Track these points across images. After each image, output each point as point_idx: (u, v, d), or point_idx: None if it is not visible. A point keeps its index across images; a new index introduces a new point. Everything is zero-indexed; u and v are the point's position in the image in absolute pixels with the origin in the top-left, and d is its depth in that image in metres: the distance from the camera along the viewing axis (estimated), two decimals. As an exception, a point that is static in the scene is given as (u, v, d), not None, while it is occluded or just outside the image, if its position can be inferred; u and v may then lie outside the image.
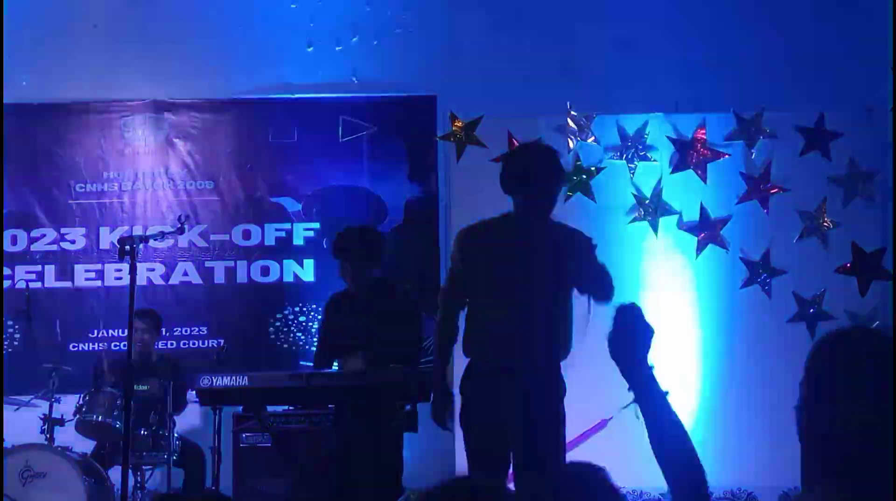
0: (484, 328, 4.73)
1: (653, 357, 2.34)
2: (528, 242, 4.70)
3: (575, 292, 4.84)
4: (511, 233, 4.73)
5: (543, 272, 4.68)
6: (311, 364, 6.11)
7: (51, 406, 6.47)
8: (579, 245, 4.77)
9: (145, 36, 7.67)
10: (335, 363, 5.61)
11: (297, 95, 7.71)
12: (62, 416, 6.48)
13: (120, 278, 7.47)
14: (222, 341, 7.39)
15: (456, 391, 4.89)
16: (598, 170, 7.17)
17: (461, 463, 5.15)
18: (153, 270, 7.57)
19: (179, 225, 5.70)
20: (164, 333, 7.37)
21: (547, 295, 4.70)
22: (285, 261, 7.64)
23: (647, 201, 7.13)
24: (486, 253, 4.73)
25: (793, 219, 7.10)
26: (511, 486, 4.57)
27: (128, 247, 5.19)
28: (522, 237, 4.71)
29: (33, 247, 7.61)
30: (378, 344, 5.37)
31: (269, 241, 7.68)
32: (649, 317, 2.44)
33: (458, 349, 4.92)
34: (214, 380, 5.02)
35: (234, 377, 5.03)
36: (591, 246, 4.79)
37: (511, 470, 4.74)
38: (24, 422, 6.55)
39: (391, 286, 5.80)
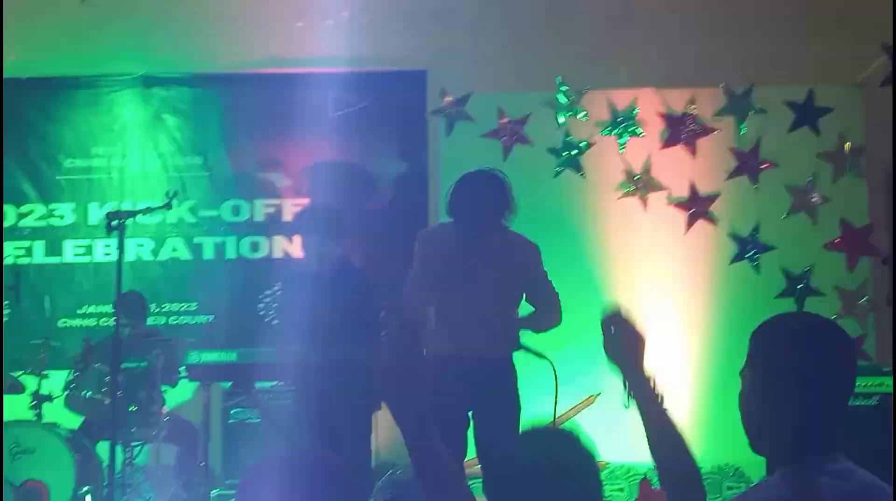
0: (441, 324, 4.89)
1: (649, 364, 2.33)
2: (473, 248, 4.83)
3: None
4: (459, 241, 4.87)
5: (489, 275, 4.81)
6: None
7: (39, 382, 6.46)
8: (527, 255, 4.90)
9: (134, 10, 7.62)
10: None
11: (286, 70, 7.67)
12: (51, 392, 6.48)
13: (109, 254, 7.46)
14: (212, 317, 7.39)
15: None
16: (589, 145, 7.16)
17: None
18: (142, 245, 7.55)
19: (167, 200, 5.68)
20: (153, 308, 7.36)
21: (494, 296, 4.82)
22: (275, 237, 7.62)
23: (636, 177, 7.13)
24: (439, 255, 4.87)
25: (782, 195, 7.11)
26: None
27: (115, 222, 5.17)
28: (468, 243, 4.83)
29: (22, 222, 7.59)
30: (340, 323, 5.40)
31: (259, 217, 7.66)
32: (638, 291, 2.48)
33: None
34: (203, 356, 5.02)
35: (223, 353, 5.02)
36: (538, 254, 4.90)
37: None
38: (12, 398, 6.53)
39: (351, 266, 5.83)
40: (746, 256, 7.08)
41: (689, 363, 6.91)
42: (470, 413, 4.85)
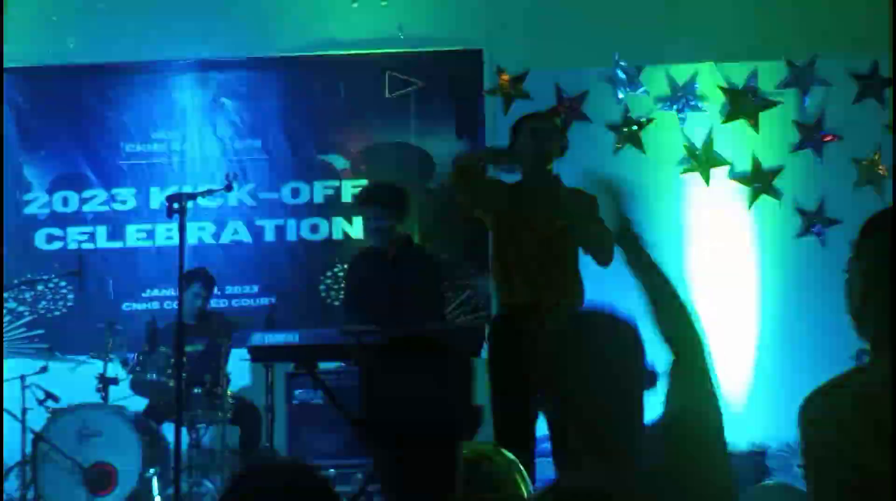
0: (499, 282, 5.05)
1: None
2: (533, 199, 4.97)
3: None
4: (519, 190, 5.05)
5: (547, 227, 4.93)
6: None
7: (105, 366, 6.53)
8: (582, 205, 4.86)
9: (190, -5, 7.66)
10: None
11: (342, 52, 7.67)
12: (116, 375, 6.55)
13: (171, 238, 7.49)
14: (273, 299, 7.42)
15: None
16: (648, 121, 7.09)
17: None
18: (203, 229, 7.59)
19: (227, 183, 5.70)
20: (216, 292, 7.42)
21: (551, 245, 4.92)
22: (334, 219, 7.63)
23: (698, 152, 7.05)
24: (508, 199, 5.01)
25: (847, 167, 6.99)
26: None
27: (176, 205, 5.19)
28: (528, 195, 4.99)
29: (84, 208, 7.65)
30: (405, 303, 5.40)
31: (318, 199, 7.68)
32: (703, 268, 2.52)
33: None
34: (266, 338, 5.02)
35: (285, 335, 5.02)
36: (594, 204, 4.85)
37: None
38: (79, 381, 6.61)
39: (417, 245, 5.84)
40: (812, 230, 6.97)
41: (757, 340, 6.83)
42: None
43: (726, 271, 6.90)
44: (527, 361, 4.56)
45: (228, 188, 5.79)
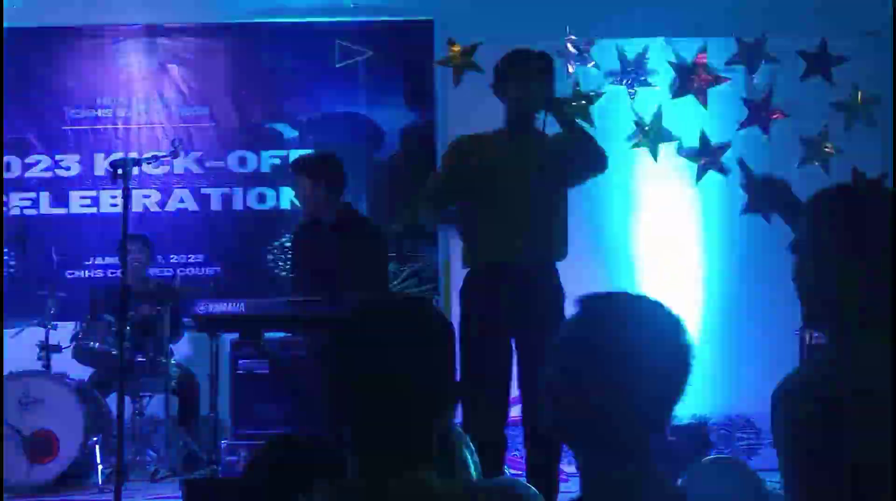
0: (479, 234, 4.77)
1: None
2: (520, 143, 4.75)
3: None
4: (503, 137, 4.79)
5: (537, 170, 4.72)
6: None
7: (47, 333, 6.46)
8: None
9: (139, -42, 7.55)
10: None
11: (291, 20, 7.60)
12: (59, 343, 6.48)
13: (115, 205, 7.40)
14: (219, 268, 7.37)
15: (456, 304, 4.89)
16: (598, 95, 7.10)
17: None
18: (148, 197, 7.52)
19: (173, 149, 5.64)
20: (159, 260, 7.35)
21: (542, 192, 4.73)
22: (281, 188, 7.58)
23: (647, 127, 7.08)
24: (479, 157, 4.76)
25: (794, 145, 7.05)
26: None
27: (120, 170, 5.12)
28: (515, 139, 4.76)
29: (27, 173, 7.55)
30: (349, 273, 5.37)
31: (265, 168, 7.62)
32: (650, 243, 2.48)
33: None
34: (211, 306, 4.99)
35: (231, 304, 5.00)
36: (588, 133, 4.87)
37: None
38: (21, 349, 6.53)
39: (359, 215, 5.81)
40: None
41: (700, 314, 6.88)
42: (512, 341, 4.70)
43: (673, 245, 6.94)
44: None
45: (174, 155, 5.74)
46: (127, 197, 5.12)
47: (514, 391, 4.69)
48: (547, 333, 4.68)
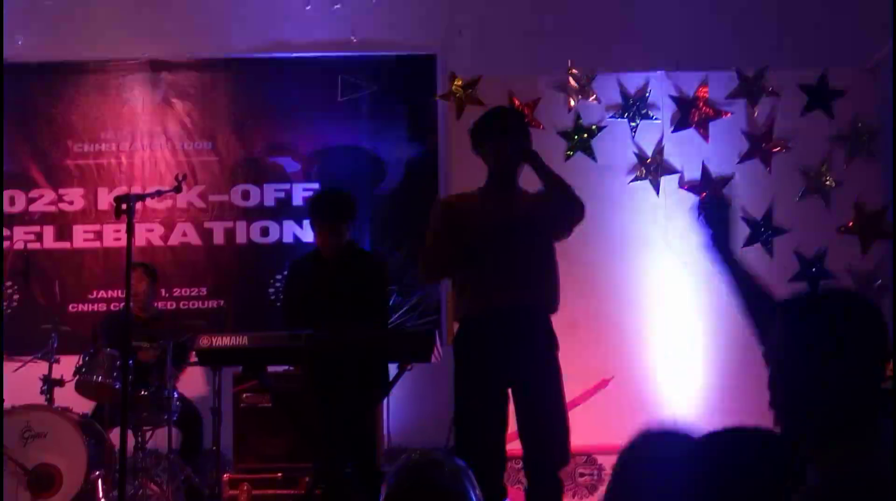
0: (471, 286, 4.84)
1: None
2: (503, 198, 4.83)
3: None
4: (487, 194, 4.88)
5: (524, 219, 4.81)
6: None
7: (50, 367, 6.45)
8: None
9: (142, -6, 7.61)
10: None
11: (295, 54, 7.64)
12: (62, 376, 6.47)
13: (119, 239, 7.43)
14: (222, 301, 7.38)
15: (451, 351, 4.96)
16: (600, 129, 7.13)
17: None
18: (152, 230, 7.54)
19: (177, 183, 5.65)
20: (163, 293, 7.36)
21: (530, 246, 4.80)
22: (285, 221, 7.61)
23: (648, 160, 7.10)
24: (465, 211, 4.85)
25: (795, 177, 7.06)
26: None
27: (124, 205, 5.14)
28: (498, 195, 4.85)
29: (31, 207, 7.57)
30: (350, 306, 5.38)
31: (269, 202, 7.64)
32: (651, 278, 2.49)
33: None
34: (214, 340, 4.99)
35: (233, 337, 5.00)
36: (567, 183, 4.87)
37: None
38: (24, 382, 6.52)
39: (359, 249, 5.83)
40: (760, 239, 7.04)
41: (704, 348, 6.88)
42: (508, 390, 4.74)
43: (675, 279, 6.95)
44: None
45: (178, 190, 5.74)
46: (131, 232, 5.13)
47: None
48: (541, 379, 4.75)
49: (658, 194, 7.06)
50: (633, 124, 7.12)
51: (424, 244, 4.99)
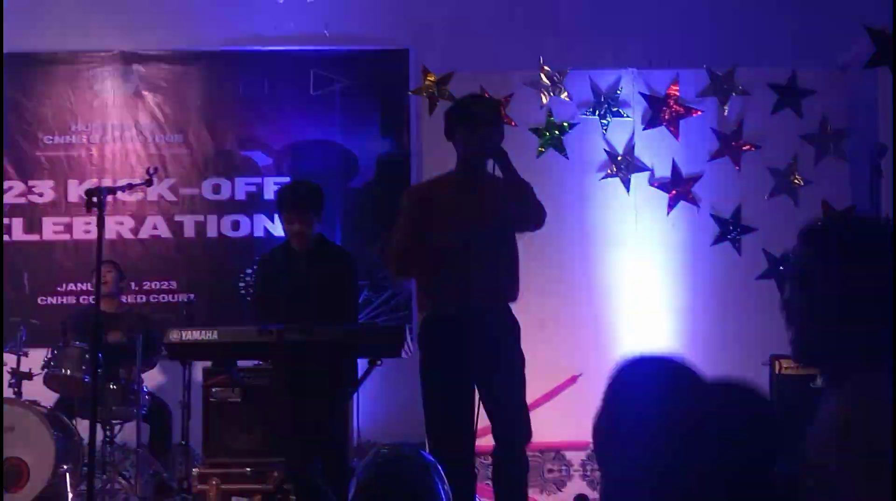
0: (435, 280, 4.86)
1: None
2: (470, 187, 4.84)
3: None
4: (455, 184, 4.88)
5: (488, 213, 4.81)
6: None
7: (19, 360, 6.43)
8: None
9: (114, -14, 7.57)
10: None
11: (267, 48, 7.63)
12: (30, 370, 6.45)
13: (89, 232, 7.41)
14: (192, 295, 7.37)
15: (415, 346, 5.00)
16: (571, 125, 7.15)
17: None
18: (122, 223, 7.51)
19: (148, 177, 5.64)
20: (133, 287, 7.35)
21: (493, 239, 4.82)
22: (255, 215, 7.60)
23: (619, 158, 7.12)
24: (432, 203, 4.87)
25: (764, 176, 7.11)
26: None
27: (95, 198, 5.13)
28: (466, 186, 4.85)
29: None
30: (320, 297, 5.39)
31: (240, 195, 7.63)
32: (621, 275, 2.47)
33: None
34: (184, 334, 4.98)
35: (203, 332, 4.98)
36: (530, 188, 4.87)
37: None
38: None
39: (329, 241, 5.83)
40: (728, 237, 7.08)
41: (670, 344, 6.92)
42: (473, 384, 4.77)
43: (644, 276, 6.99)
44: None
45: (149, 183, 5.73)
46: (101, 225, 5.12)
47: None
48: (506, 371, 4.79)
49: (628, 191, 7.09)
50: (605, 122, 7.15)
51: (393, 238, 5.01)
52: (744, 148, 7.13)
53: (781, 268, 6.90)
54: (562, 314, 6.77)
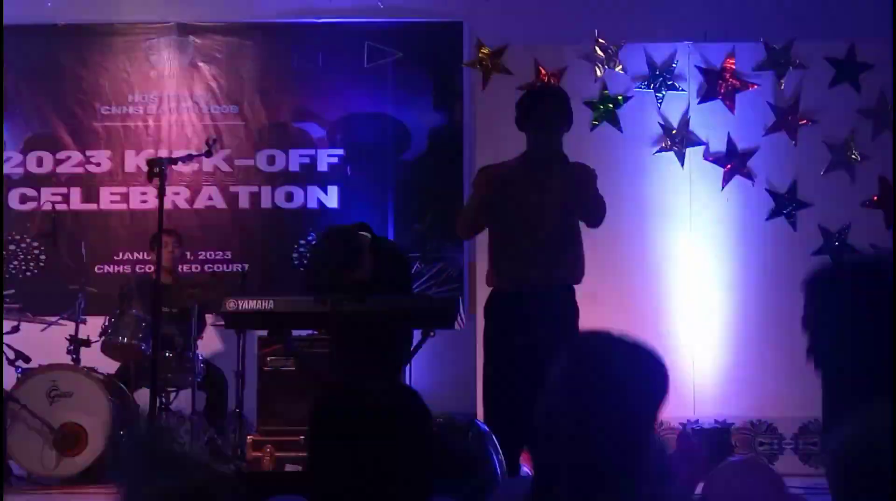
0: (503, 258, 5.08)
1: None
2: (539, 175, 5.04)
3: None
4: (525, 168, 5.07)
5: (555, 203, 5.01)
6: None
7: (77, 327, 6.53)
8: (584, 177, 5.10)
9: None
10: None
11: (322, 20, 7.65)
12: (88, 337, 6.55)
13: (145, 202, 7.50)
14: (246, 265, 7.43)
15: (480, 315, 5.15)
16: (626, 99, 7.11)
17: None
18: (178, 194, 7.58)
19: (208, 148, 5.69)
20: (188, 257, 7.42)
21: (559, 224, 5.03)
22: (309, 187, 7.64)
23: (673, 131, 7.08)
24: (505, 186, 5.05)
25: (820, 151, 7.04)
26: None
27: (157, 169, 5.19)
28: (535, 171, 5.05)
29: (59, 169, 7.63)
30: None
31: (294, 167, 7.68)
32: (674, 249, 2.50)
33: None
34: (240, 304, 5.04)
35: (259, 301, 5.04)
36: (594, 177, 5.13)
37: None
38: (50, 342, 6.60)
39: (383, 239, 5.79)
40: (783, 212, 7.03)
41: (724, 319, 6.90)
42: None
43: (698, 250, 6.96)
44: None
45: (209, 154, 5.79)
46: (162, 196, 5.18)
47: None
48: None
49: (683, 165, 7.05)
50: (660, 95, 7.11)
51: (464, 210, 5.35)
52: (800, 122, 7.06)
53: (836, 244, 6.85)
54: (613, 288, 6.76)
